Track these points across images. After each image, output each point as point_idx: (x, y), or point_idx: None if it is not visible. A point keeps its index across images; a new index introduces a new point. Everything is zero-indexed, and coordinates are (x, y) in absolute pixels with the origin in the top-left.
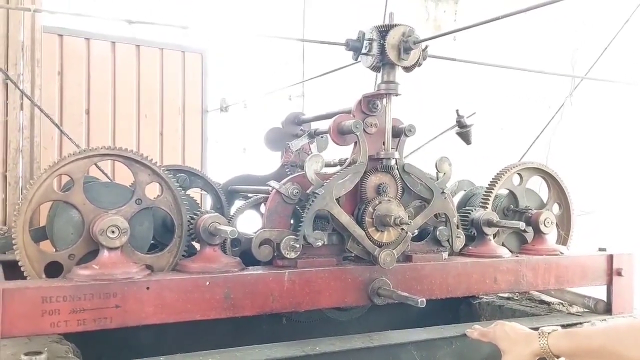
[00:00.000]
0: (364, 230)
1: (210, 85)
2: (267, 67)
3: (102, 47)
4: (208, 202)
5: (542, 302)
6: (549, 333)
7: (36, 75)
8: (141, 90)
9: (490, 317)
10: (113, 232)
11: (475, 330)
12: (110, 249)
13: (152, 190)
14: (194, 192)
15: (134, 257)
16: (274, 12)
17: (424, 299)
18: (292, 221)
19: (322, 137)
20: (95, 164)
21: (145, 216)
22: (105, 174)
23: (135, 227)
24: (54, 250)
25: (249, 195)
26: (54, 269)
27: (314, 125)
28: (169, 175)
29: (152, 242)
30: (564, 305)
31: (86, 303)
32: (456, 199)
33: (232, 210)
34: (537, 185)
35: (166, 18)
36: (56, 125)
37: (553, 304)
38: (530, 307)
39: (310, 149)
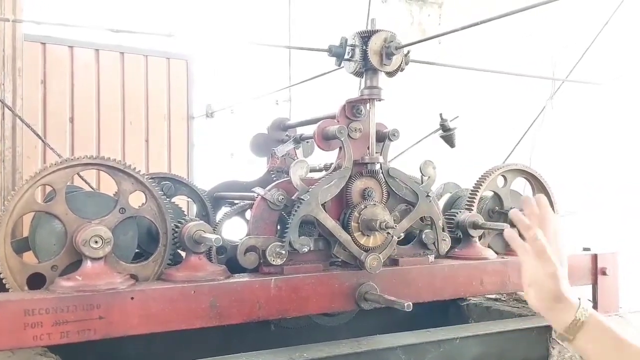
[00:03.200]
0: (350, 235)
1: (196, 92)
2: (253, 72)
3: (85, 54)
4: (194, 209)
5: None
6: (589, 314)
7: (18, 85)
8: (126, 97)
9: (479, 318)
10: (96, 242)
11: (530, 229)
12: (93, 259)
13: (136, 199)
14: (180, 200)
15: (118, 267)
16: (259, 16)
17: (410, 303)
18: (278, 227)
19: (307, 142)
20: (78, 174)
21: (129, 225)
22: (88, 184)
23: (119, 237)
24: (37, 261)
25: (235, 201)
26: (36, 281)
27: (300, 131)
28: (153, 184)
29: (136, 250)
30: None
31: (69, 315)
32: (442, 202)
33: (218, 216)
34: (522, 186)
35: (151, 25)
36: (37, 135)
37: None
38: (518, 307)
39: (296, 154)
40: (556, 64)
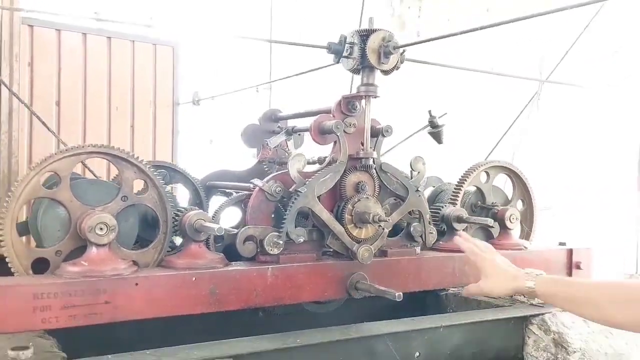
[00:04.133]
0: (344, 227)
1: (182, 78)
2: (238, 59)
3: (73, 38)
4: (182, 196)
5: None
6: (536, 275)
7: (15, 69)
8: (112, 82)
9: (457, 308)
10: (101, 229)
11: (466, 241)
12: (98, 245)
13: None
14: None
15: (120, 254)
16: (244, 4)
17: (401, 293)
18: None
19: (299, 134)
20: (82, 162)
21: (130, 213)
22: (91, 171)
23: (121, 224)
24: (36, 245)
25: (227, 191)
26: (38, 265)
27: (291, 123)
28: (155, 173)
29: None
30: (525, 297)
31: (77, 299)
32: (425, 195)
33: (210, 205)
34: (503, 182)
35: (137, 10)
36: (45, 125)
37: (515, 295)
38: (494, 298)
39: (287, 145)
40: (544, 65)
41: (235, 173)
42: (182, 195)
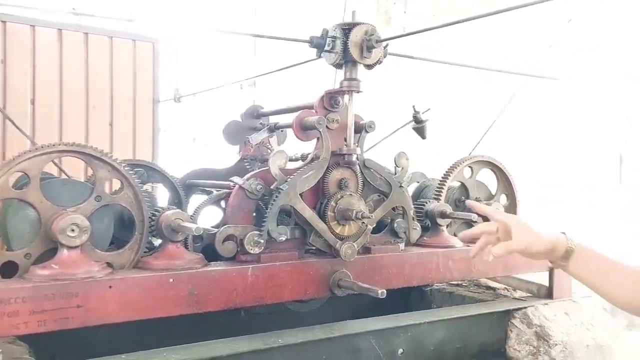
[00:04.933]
0: (326, 224)
1: (163, 75)
2: (220, 55)
3: (48, 34)
4: (161, 195)
5: (489, 287)
6: (575, 243)
7: None
8: (90, 79)
9: (441, 303)
10: (73, 230)
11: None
12: (69, 247)
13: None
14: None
15: (94, 255)
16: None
17: (384, 290)
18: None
19: (281, 130)
20: (53, 161)
21: (105, 213)
22: (62, 170)
23: (94, 225)
24: (5, 249)
25: (208, 189)
26: (7, 269)
27: (273, 119)
28: (130, 172)
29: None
30: (508, 290)
31: (47, 304)
32: (409, 190)
33: (190, 204)
34: (486, 177)
35: (115, 5)
36: (12, 122)
37: (499, 289)
38: (478, 293)
39: (269, 142)
40: (526, 60)
41: (216, 171)
42: (162, 194)
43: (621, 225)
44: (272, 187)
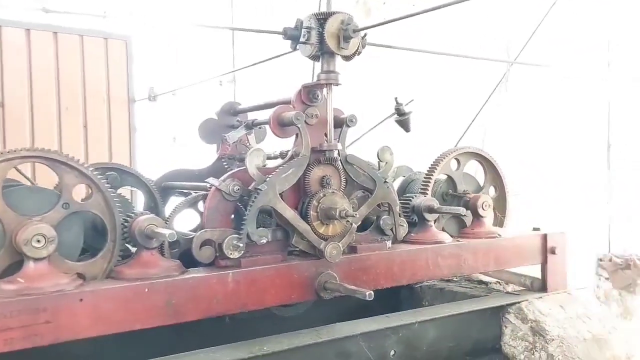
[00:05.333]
0: (309, 225)
1: (137, 74)
2: (197, 52)
3: (15, 35)
4: (140, 199)
5: (481, 282)
6: None
7: None
8: (61, 80)
9: (432, 300)
10: (39, 241)
11: None
12: (36, 259)
13: (80, 192)
14: (124, 190)
15: (63, 266)
16: None
17: (372, 292)
18: (233, 218)
19: (260, 127)
20: (16, 167)
21: (74, 221)
22: (27, 177)
23: (63, 234)
24: None
25: (185, 191)
26: None
27: (251, 116)
28: (99, 176)
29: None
30: (501, 284)
31: (12, 321)
32: (395, 185)
33: (168, 207)
34: (474, 169)
35: (86, 3)
36: None
37: (491, 283)
38: (470, 288)
39: (248, 140)
40: (511, 47)
41: (193, 172)
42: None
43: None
44: (250, 187)
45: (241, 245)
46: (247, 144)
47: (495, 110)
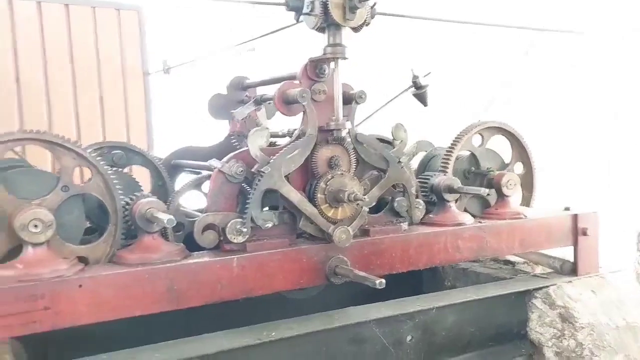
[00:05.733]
0: (317, 208)
1: (151, 45)
2: (213, 20)
3: (26, 7)
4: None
5: (507, 262)
6: None
7: None
8: (74, 53)
9: (454, 280)
10: (36, 226)
11: None
12: (34, 244)
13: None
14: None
15: (64, 250)
16: None
17: (383, 280)
18: (238, 200)
19: (269, 103)
20: (13, 150)
21: (74, 204)
22: (24, 160)
23: (63, 217)
24: None
25: (193, 170)
26: None
27: (261, 91)
28: (97, 158)
29: (90, 226)
30: (529, 265)
31: (10, 307)
32: (415, 161)
33: (177, 186)
34: (498, 144)
35: None
36: None
37: (518, 263)
38: (495, 269)
39: (257, 116)
40: (532, 17)
41: (202, 149)
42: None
43: None
44: (252, 169)
45: (245, 230)
46: (257, 120)
47: (519, 80)
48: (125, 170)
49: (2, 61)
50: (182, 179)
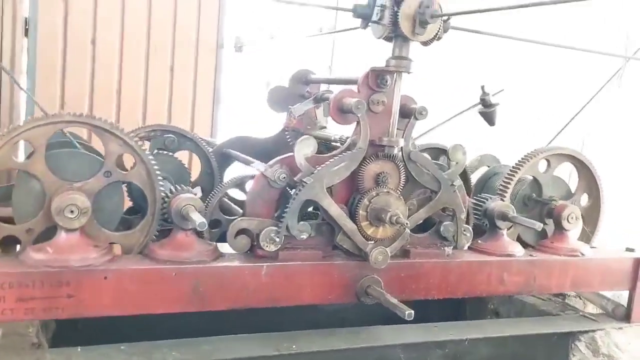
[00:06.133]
0: (357, 224)
1: (228, 20)
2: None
3: None
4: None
5: (559, 293)
6: None
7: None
8: (152, 20)
9: (498, 305)
10: (72, 212)
11: None
12: (68, 230)
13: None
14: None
15: (100, 235)
16: None
17: (412, 312)
18: (278, 204)
19: (328, 102)
20: (62, 130)
21: (114, 190)
22: (73, 141)
23: (103, 202)
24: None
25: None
26: (10, 242)
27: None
28: (143, 148)
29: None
30: (581, 299)
31: (35, 291)
32: (477, 175)
33: (226, 175)
34: (567, 173)
35: None
36: (23, 90)
37: (569, 296)
38: (544, 300)
39: (315, 114)
40: (630, 38)
41: (254, 140)
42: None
43: None
44: (295, 178)
45: (278, 239)
46: (315, 118)
47: (603, 110)
48: (177, 154)
49: (81, 21)
50: (232, 169)
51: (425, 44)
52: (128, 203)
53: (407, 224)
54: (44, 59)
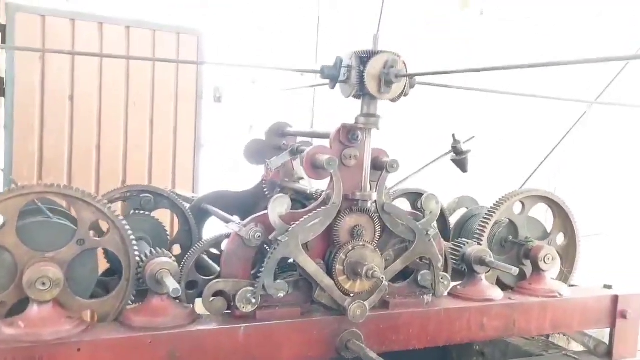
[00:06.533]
0: (334, 279)
1: (207, 71)
2: (275, 41)
3: (88, 28)
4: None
5: None
6: None
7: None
8: (130, 75)
9: (483, 346)
10: (44, 284)
11: None
12: (40, 302)
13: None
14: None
15: (73, 304)
16: None
17: None
18: (254, 264)
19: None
20: (34, 201)
21: (88, 257)
22: (45, 212)
23: (76, 270)
24: None
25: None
26: None
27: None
28: (116, 214)
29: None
30: (565, 336)
31: None
32: (455, 216)
33: (204, 232)
34: (543, 213)
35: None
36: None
37: (553, 335)
38: (528, 339)
39: (293, 166)
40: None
41: (232, 195)
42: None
43: None
44: (270, 237)
45: (254, 300)
46: (292, 170)
47: (570, 150)
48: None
49: (59, 79)
50: (211, 224)
51: (392, 100)
52: (105, 264)
53: (382, 278)
54: (21, 116)
